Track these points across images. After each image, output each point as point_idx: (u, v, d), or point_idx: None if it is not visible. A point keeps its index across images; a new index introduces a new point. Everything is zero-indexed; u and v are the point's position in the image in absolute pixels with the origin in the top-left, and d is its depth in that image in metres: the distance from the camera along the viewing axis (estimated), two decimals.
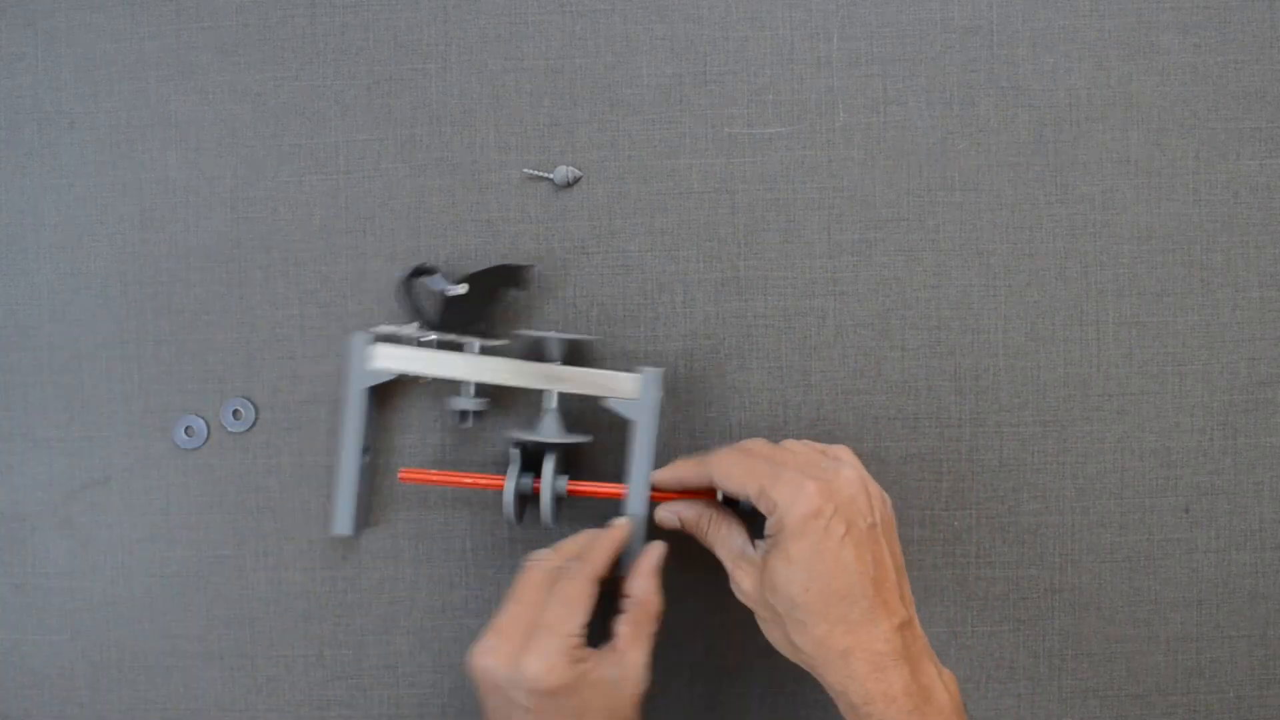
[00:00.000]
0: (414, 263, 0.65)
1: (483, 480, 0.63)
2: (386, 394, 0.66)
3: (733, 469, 0.56)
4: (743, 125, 0.66)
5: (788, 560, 0.53)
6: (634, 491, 0.62)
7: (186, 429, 0.66)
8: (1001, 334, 0.67)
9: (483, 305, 0.64)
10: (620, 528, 0.60)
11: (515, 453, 0.63)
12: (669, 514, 0.61)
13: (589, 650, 0.55)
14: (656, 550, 0.59)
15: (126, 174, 0.67)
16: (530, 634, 0.54)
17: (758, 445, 0.58)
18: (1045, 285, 0.66)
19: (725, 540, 0.59)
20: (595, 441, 0.66)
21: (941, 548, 0.68)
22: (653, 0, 0.66)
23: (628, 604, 0.58)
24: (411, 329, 0.64)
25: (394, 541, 0.68)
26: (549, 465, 0.62)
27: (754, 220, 0.66)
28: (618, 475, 0.65)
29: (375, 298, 0.67)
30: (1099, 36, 0.65)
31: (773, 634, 0.56)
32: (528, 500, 0.64)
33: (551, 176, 0.66)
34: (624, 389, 0.62)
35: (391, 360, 0.63)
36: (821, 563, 0.52)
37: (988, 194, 0.66)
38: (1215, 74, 0.66)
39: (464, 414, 0.65)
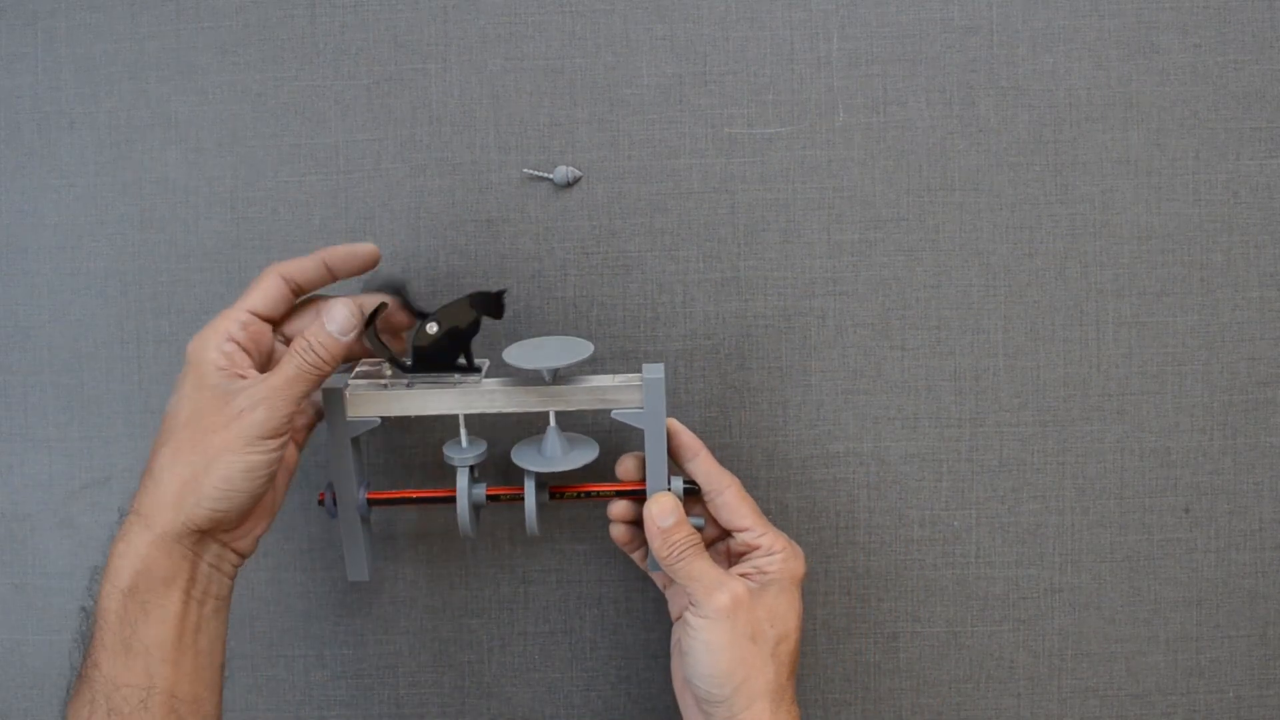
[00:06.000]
0: (374, 303, 0.59)
1: (428, 493, 0.62)
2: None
3: (747, 501, 0.60)
4: (743, 125, 0.66)
5: (790, 599, 0.59)
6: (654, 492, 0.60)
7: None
8: (1001, 334, 0.67)
9: (457, 340, 0.59)
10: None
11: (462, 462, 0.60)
12: (674, 511, 0.59)
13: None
14: (335, 306, 0.57)
15: (126, 174, 0.67)
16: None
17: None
18: (1045, 285, 0.66)
19: (710, 557, 0.59)
20: (605, 432, 0.66)
21: (941, 548, 0.68)
22: (653, 0, 0.66)
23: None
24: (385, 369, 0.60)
25: (394, 542, 0.68)
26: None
27: (754, 220, 0.66)
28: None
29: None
30: (1099, 36, 0.65)
31: (733, 653, 0.56)
32: (481, 509, 0.62)
33: (551, 176, 0.66)
34: (626, 399, 0.59)
35: (372, 407, 0.59)
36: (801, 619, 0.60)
37: (988, 194, 0.66)
38: (1215, 74, 0.66)
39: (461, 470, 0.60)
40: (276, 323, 0.57)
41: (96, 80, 0.67)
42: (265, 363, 0.57)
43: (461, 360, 0.59)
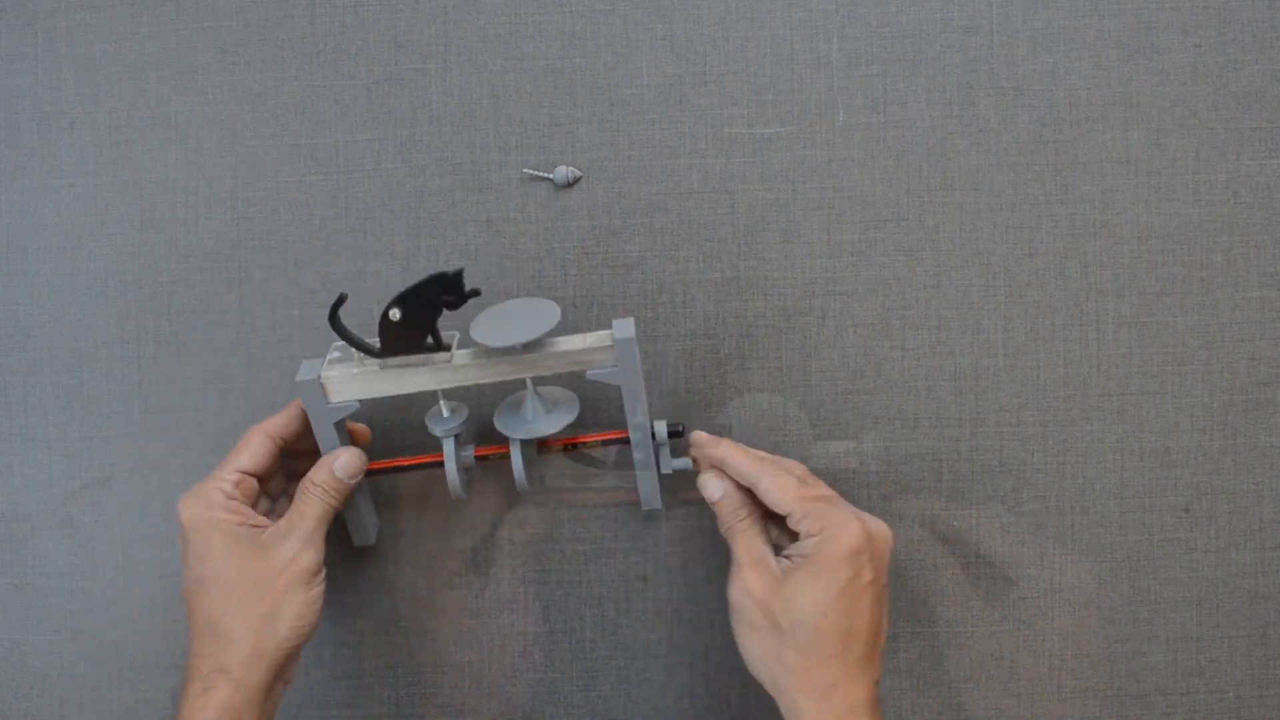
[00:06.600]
0: (336, 293, 0.59)
1: (419, 460, 0.62)
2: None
3: (785, 482, 0.59)
4: (743, 125, 0.66)
5: (816, 583, 0.56)
6: (637, 443, 0.61)
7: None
8: (1001, 334, 0.67)
9: (421, 323, 0.58)
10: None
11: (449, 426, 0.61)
12: (718, 486, 0.60)
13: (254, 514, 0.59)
14: (341, 454, 0.61)
15: (126, 174, 0.67)
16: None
17: (798, 467, 0.61)
18: (1045, 285, 0.66)
19: (751, 540, 0.59)
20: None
21: (941, 548, 0.68)
22: (653, 0, 0.66)
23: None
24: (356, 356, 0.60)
25: (394, 542, 0.68)
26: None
27: (754, 220, 0.66)
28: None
29: (375, 298, 0.67)
30: (1099, 36, 0.66)
31: (753, 641, 0.57)
32: (472, 469, 0.64)
33: (551, 176, 0.66)
34: (600, 359, 0.59)
35: (349, 391, 0.60)
36: (844, 598, 0.55)
37: (988, 194, 0.66)
38: (1215, 74, 0.66)
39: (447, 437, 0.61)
40: (264, 479, 0.61)
41: (96, 80, 0.67)
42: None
43: (430, 340, 0.59)
